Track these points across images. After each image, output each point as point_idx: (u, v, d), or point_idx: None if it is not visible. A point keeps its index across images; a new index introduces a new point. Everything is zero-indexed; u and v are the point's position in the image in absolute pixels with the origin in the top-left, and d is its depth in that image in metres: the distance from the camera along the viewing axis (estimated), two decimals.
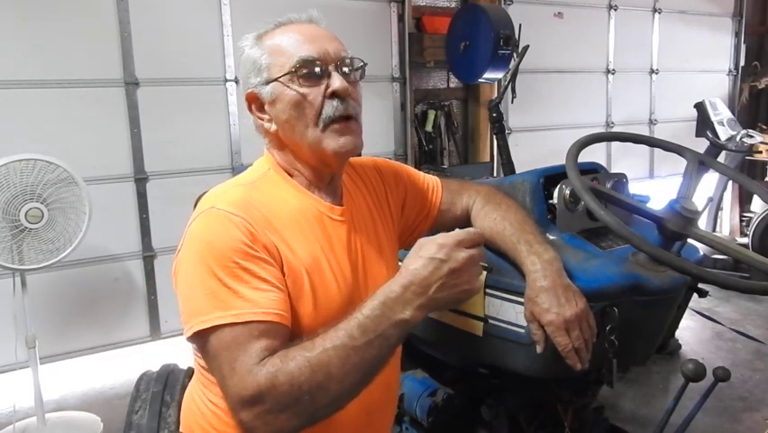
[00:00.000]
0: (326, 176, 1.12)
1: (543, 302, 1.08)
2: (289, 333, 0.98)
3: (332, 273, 1.07)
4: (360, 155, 1.16)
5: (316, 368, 0.89)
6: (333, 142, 1.05)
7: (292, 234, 1.04)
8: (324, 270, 1.06)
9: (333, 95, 1.04)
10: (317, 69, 1.04)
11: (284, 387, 0.88)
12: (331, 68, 1.05)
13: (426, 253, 0.93)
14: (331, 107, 1.04)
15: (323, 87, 1.04)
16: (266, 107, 1.09)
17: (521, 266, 1.16)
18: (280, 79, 1.05)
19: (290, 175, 1.12)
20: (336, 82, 1.04)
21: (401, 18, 4.02)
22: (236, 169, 3.47)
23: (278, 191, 1.09)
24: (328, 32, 1.10)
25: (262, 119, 1.10)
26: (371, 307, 0.92)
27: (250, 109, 1.12)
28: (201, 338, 0.95)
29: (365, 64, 1.12)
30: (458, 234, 0.94)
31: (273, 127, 1.09)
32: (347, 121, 1.06)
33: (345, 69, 1.07)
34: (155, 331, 3.38)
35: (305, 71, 1.04)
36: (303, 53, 1.04)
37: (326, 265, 1.06)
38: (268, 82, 1.06)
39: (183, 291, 0.99)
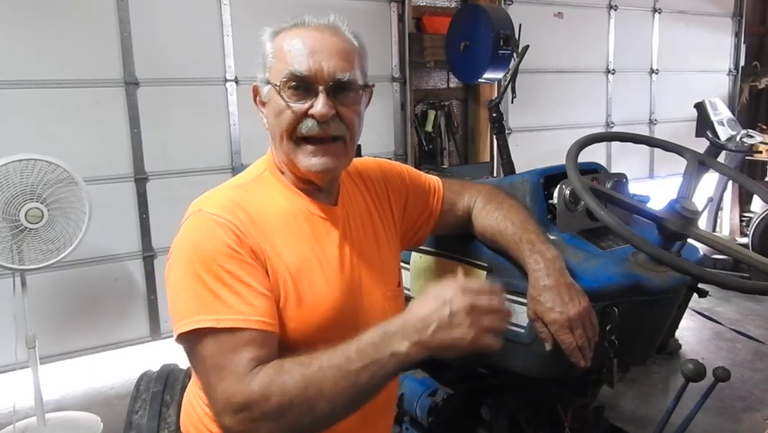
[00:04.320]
0: (310, 182, 1.10)
1: (546, 301, 1.08)
2: (277, 339, 0.98)
3: (321, 274, 1.06)
4: (336, 175, 1.12)
5: (310, 384, 0.90)
6: (305, 161, 1.04)
7: (281, 236, 1.04)
8: (312, 271, 1.05)
9: (312, 116, 1.02)
10: (304, 87, 1.02)
11: (275, 398, 0.89)
12: (320, 88, 1.01)
13: (432, 294, 0.93)
14: (306, 126, 1.03)
15: (307, 104, 1.02)
16: (264, 104, 1.10)
17: (523, 265, 1.16)
18: (273, 85, 1.04)
19: (282, 173, 1.12)
20: (317, 105, 1.01)
21: (401, 18, 4.02)
22: (236, 169, 3.47)
23: (270, 192, 1.09)
24: (339, 42, 1.04)
25: (262, 113, 1.11)
26: (372, 334, 0.93)
27: (254, 100, 1.12)
28: (186, 341, 0.96)
29: (365, 86, 1.08)
30: (468, 282, 0.93)
31: (267, 124, 1.10)
32: (323, 143, 1.04)
33: (338, 90, 1.03)
34: (155, 331, 3.39)
35: (293, 84, 1.02)
36: (295, 66, 1.01)
37: (316, 266, 1.06)
38: (267, 82, 1.06)
39: (171, 294, 1.00)
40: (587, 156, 1.29)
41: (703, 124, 4.86)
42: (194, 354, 0.96)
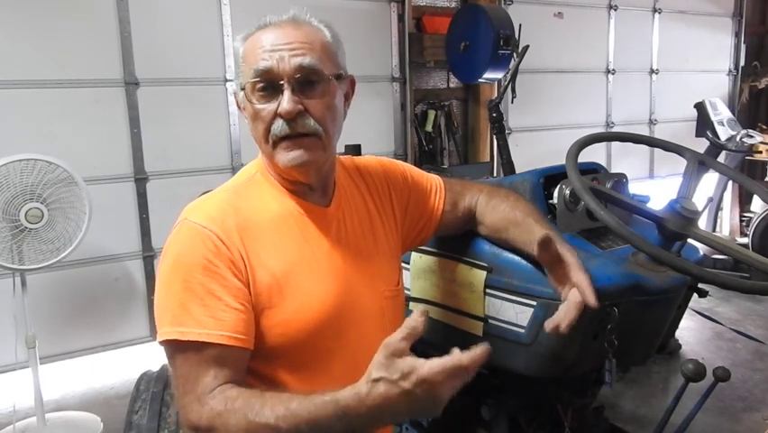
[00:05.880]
0: (298, 182, 1.10)
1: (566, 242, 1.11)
2: (246, 354, 0.99)
3: (310, 278, 1.06)
4: (321, 168, 1.09)
5: None
6: (282, 158, 1.03)
7: (269, 241, 1.04)
8: (300, 275, 1.05)
9: (281, 115, 1.01)
10: (270, 85, 1.00)
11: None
12: (285, 84, 1.00)
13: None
14: (277, 126, 1.02)
15: (275, 103, 1.00)
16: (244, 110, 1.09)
17: (537, 234, 1.13)
18: (243, 88, 1.04)
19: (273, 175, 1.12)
20: (283, 103, 0.99)
21: (401, 18, 4.02)
22: (236, 169, 3.47)
23: (262, 195, 1.09)
24: (301, 34, 1.03)
25: (246, 119, 1.10)
26: (326, 408, 0.86)
27: (239, 108, 1.12)
28: (164, 349, 1.00)
29: (339, 76, 1.06)
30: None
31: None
32: (299, 137, 1.02)
33: (305, 82, 1.01)
34: (155, 331, 3.38)
35: (260, 85, 1.01)
36: (259, 65, 1.00)
37: (305, 270, 1.06)
38: (242, 88, 1.06)
39: (155, 301, 1.02)
40: (587, 156, 1.29)
41: (703, 124, 4.86)
42: (169, 362, 1.00)
